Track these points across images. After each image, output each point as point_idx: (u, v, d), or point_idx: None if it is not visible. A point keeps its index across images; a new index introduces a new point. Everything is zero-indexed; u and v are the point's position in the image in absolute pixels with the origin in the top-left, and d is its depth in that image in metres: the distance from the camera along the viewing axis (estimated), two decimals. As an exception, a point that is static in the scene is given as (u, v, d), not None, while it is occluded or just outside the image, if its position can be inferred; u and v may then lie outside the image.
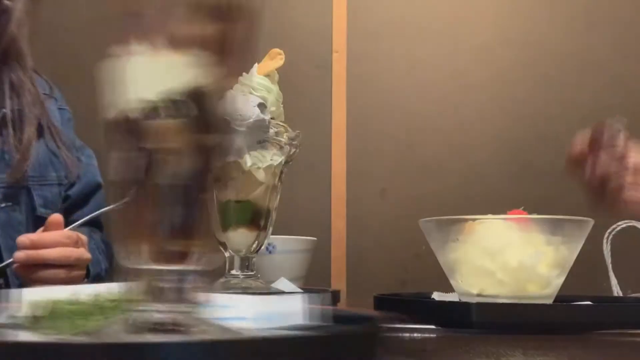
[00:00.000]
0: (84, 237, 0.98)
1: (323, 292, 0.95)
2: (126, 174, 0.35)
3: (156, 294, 0.34)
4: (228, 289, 0.81)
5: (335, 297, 0.90)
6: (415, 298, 0.82)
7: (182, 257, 0.35)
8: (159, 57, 0.34)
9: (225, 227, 0.86)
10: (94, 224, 1.15)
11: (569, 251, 0.75)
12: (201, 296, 0.36)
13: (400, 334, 0.59)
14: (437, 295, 0.80)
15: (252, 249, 0.87)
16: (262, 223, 0.87)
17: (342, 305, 0.96)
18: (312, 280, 1.19)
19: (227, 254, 0.87)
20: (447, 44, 1.89)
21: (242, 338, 0.35)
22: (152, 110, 0.34)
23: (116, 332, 0.34)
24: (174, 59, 0.35)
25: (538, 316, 0.64)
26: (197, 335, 0.34)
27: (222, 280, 0.85)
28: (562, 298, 0.75)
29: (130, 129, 0.34)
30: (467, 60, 1.88)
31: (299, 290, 0.93)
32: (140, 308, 0.34)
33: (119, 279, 0.37)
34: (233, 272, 0.86)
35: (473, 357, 0.49)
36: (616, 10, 1.87)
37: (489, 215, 0.77)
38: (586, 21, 1.87)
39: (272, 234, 0.90)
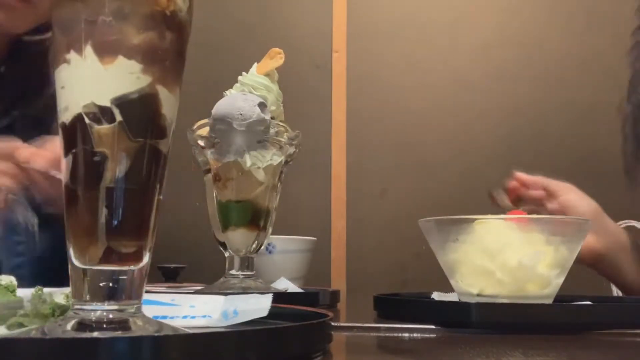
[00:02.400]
0: None
1: (323, 291, 0.95)
2: (79, 177, 0.36)
3: (102, 293, 0.36)
4: (227, 289, 0.81)
5: (335, 297, 0.89)
6: (415, 298, 0.81)
7: (129, 257, 0.37)
8: (108, 63, 0.36)
9: (225, 227, 0.86)
10: None
11: (569, 251, 0.74)
12: (145, 295, 0.38)
13: (400, 334, 0.59)
14: (437, 295, 0.80)
15: (252, 249, 0.86)
16: (262, 223, 0.87)
17: (342, 306, 0.96)
18: (312, 280, 1.19)
19: (227, 254, 0.87)
20: (447, 43, 1.89)
21: (178, 334, 0.36)
22: (101, 115, 0.36)
23: (61, 329, 0.35)
24: (121, 65, 0.36)
25: (538, 316, 0.64)
26: (138, 332, 0.35)
27: (221, 280, 0.85)
28: (562, 298, 0.75)
29: (81, 133, 0.36)
30: (467, 60, 1.88)
31: (299, 290, 0.93)
32: (86, 306, 0.36)
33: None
34: (232, 272, 0.85)
35: (473, 357, 0.49)
36: (616, 10, 1.87)
37: (489, 215, 0.76)
38: (586, 21, 1.87)
39: (272, 234, 0.90)
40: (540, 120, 1.83)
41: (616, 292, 0.97)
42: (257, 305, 0.45)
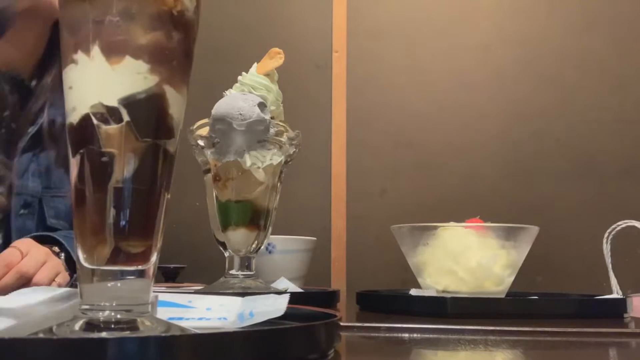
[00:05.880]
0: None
1: (326, 291, 0.95)
2: (86, 177, 0.36)
3: (110, 293, 0.36)
4: (227, 289, 0.81)
5: (335, 297, 0.90)
6: (393, 294, 0.95)
7: (137, 257, 0.37)
8: (115, 63, 0.36)
9: (225, 227, 0.86)
10: None
11: (518, 254, 0.87)
12: (161, 296, 0.38)
13: (400, 334, 0.59)
14: (414, 292, 0.89)
15: (252, 248, 0.86)
16: (262, 223, 0.87)
17: (342, 306, 0.96)
18: (312, 280, 1.19)
19: (226, 254, 0.87)
20: (447, 43, 1.89)
21: (186, 334, 0.36)
22: (109, 115, 0.36)
23: (69, 329, 0.35)
24: (128, 65, 0.36)
25: (498, 307, 0.77)
26: (145, 332, 0.35)
27: (221, 280, 0.85)
28: (512, 294, 0.89)
29: (89, 133, 0.36)
30: (467, 60, 1.88)
31: (299, 290, 0.93)
32: (95, 306, 0.36)
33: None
34: (232, 272, 0.85)
35: (474, 356, 0.49)
36: (616, 10, 1.87)
37: (451, 223, 0.89)
38: (586, 21, 1.87)
39: (272, 234, 0.90)
40: (540, 120, 1.84)
41: (616, 292, 0.97)
42: (274, 306, 0.45)
